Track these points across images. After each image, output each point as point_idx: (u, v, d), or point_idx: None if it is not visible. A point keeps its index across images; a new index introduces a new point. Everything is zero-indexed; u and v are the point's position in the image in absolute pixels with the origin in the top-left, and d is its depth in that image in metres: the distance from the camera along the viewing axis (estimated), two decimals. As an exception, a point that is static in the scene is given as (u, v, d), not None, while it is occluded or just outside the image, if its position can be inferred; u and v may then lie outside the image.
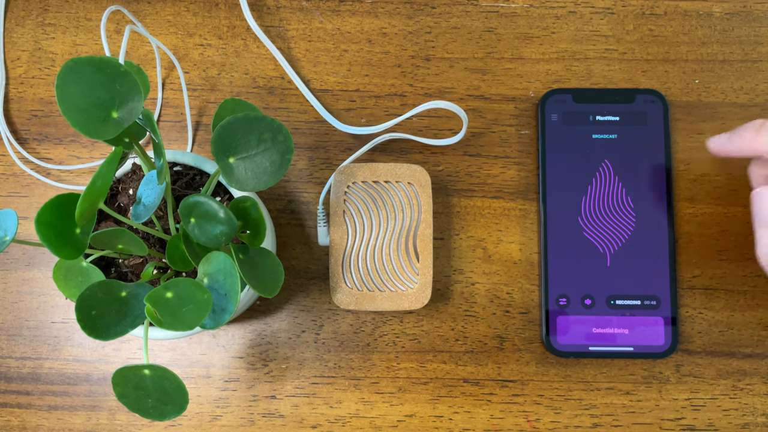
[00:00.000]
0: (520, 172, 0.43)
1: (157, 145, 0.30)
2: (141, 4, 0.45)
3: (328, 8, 0.45)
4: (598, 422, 0.41)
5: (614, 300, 0.41)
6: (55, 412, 0.41)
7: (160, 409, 0.28)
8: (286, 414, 0.41)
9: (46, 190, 0.44)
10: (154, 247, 0.34)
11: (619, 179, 0.42)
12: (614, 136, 0.42)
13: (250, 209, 0.31)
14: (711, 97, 0.43)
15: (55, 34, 0.45)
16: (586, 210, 0.41)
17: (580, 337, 0.40)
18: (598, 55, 0.44)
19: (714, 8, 0.44)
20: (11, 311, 0.42)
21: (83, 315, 0.28)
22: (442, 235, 0.42)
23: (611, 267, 0.41)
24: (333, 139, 0.43)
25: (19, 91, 0.44)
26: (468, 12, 0.44)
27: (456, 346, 0.42)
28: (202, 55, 0.44)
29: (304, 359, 0.42)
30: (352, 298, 0.39)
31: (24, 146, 0.44)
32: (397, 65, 0.44)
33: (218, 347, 0.42)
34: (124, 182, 0.35)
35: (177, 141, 0.44)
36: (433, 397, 0.41)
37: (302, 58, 0.44)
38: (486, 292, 0.42)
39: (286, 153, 0.30)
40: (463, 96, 0.44)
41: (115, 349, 0.42)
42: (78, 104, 0.27)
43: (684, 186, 0.42)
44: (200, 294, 0.28)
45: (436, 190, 0.43)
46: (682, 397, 0.41)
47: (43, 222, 0.27)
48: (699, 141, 0.43)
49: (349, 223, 0.40)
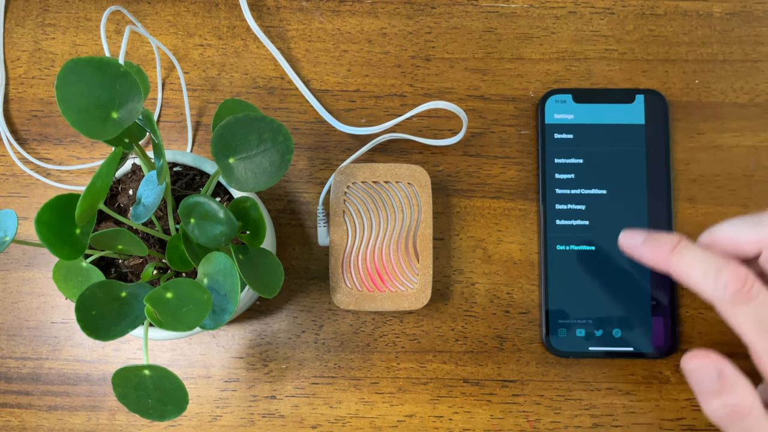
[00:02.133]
0: (520, 172, 0.43)
1: (157, 146, 0.30)
2: (141, 5, 0.45)
3: (328, 8, 0.45)
4: (598, 422, 0.41)
5: (614, 300, 0.41)
6: (55, 412, 0.41)
7: (160, 409, 0.28)
8: (286, 414, 0.41)
9: (46, 191, 0.44)
10: (154, 247, 0.34)
11: (619, 179, 0.42)
12: (614, 136, 0.42)
13: (250, 209, 0.31)
14: (711, 97, 0.43)
15: (55, 35, 0.45)
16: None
17: (580, 337, 0.40)
18: (598, 55, 0.44)
19: (714, 8, 0.44)
20: (11, 311, 0.42)
21: (83, 315, 0.28)
22: (442, 235, 0.42)
23: (611, 267, 0.41)
24: (333, 139, 0.43)
25: (19, 92, 0.44)
26: (468, 12, 0.44)
27: (456, 346, 0.42)
28: (202, 55, 0.44)
29: (304, 359, 0.42)
30: (352, 298, 0.39)
31: (24, 146, 0.44)
32: (397, 65, 0.44)
33: (218, 347, 0.42)
34: (124, 182, 0.35)
35: (177, 141, 0.44)
36: (433, 397, 0.41)
37: (302, 59, 0.44)
38: (486, 292, 0.42)
39: (286, 153, 0.30)
40: (463, 96, 0.44)
41: (115, 350, 0.42)
42: (78, 104, 0.27)
43: (684, 186, 0.42)
44: (200, 294, 0.28)
45: (436, 190, 0.43)
46: (682, 397, 0.41)
47: (43, 222, 0.27)
48: (699, 141, 0.43)
49: (349, 224, 0.40)
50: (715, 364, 0.34)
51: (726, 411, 0.33)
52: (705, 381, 0.34)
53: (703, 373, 0.34)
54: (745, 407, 0.33)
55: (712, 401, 0.34)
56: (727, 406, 0.33)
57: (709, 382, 0.34)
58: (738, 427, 0.33)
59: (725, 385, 0.33)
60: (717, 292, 0.33)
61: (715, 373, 0.33)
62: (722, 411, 0.33)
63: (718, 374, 0.33)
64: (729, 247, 0.35)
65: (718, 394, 0.33)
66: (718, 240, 0.35)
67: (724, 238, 0.35)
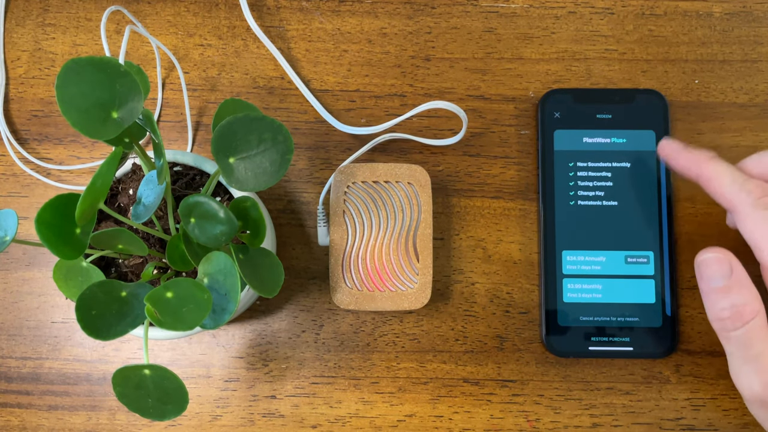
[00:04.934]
0: (520, 172, 0.43)
1: (157, 145, 0.30)
2: (141, 4, 0.45)
3: (328, 8, 0.45)
4: (598, 422, 0.41)
5: (614, 300, 0.41)
6: (55, 412, 0.41)
7: (160, 409, 0.29)
8: (286, 414, 0.41)
9: (46, 190, 0.44)
10: (154, 247, 0.34)
11: (618, 179, 0.42)
12: (614, 136, 0.42)
13: (250, 209, 0.31)
14: (711, 97, 0.43)
15: (55, 34, 0.45)
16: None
17: (580, 337, 0.40)
18: (598, 55, 0.44)
19: (714, 8, 0.44)
20: (11, 311, 0.42)
21: (83, 315, 0.28)
22: (442, 235, 0.42)
23: (611, 267, 0.41)
24: (333, 139, 0.43)
25: (19, 91, 0.44)
26: (468, 12, 0.44)
27: (456, 346, 0.42)
28: (202, 55, 0.44)
29: (304, 359, 0.42)
30: (352, 298, 0.39)
31: (24, 146, 0.44)
32: (397, 65, 0.44)
33: (218, 347, 0.42)
34: (124, 182, 0.35)
35: (177, 141, 0.44)
36: (433, 397, 0.41)
37: (302, 59, 0.44)
38: (486, 292, 0.42)
39: (286, 153, 0.30)
40: (463, 96, 0.44)
41: (115, 349, 0.42)
42: (78, 104, 0.27)
43: (684, 186, 0.42)
44: (200, 294, 0.28)
45: (436, 190, 0.43)
46: (682, 397, 0.41)
47: (43, 222, 0.27)
48: (699, 141, 0.43)
49: (349, 223, 0.40)
50: (728, 259, 0.34)
51: (732, 311, 0.33)
52: (716, 276, 0.34)
53: (716, 266, 0.34)
54: (752, 309, 0.33)
55: (720, 300, 0.33)
56: (734, 305, 0.33)
57: (720, 278, 0.33)
58: (739, 332, 0.33)
59: (735, 282, 0.33)
60: (742, 195, 0.34)
61: (728, 267, 0.33)
62: (729, 311, 0.33)
63: (730, 269, 0.33)
64: (759, 172, 0.36)
65: (727, 291, 0.33)
66: (748, 167, 0.36)
67: (754, 165, 0.36)
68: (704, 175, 0.36)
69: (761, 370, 0.33)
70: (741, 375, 0.34)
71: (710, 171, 0.35)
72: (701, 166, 0.36)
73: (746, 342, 0.33)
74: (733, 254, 0.34)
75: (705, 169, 0.36)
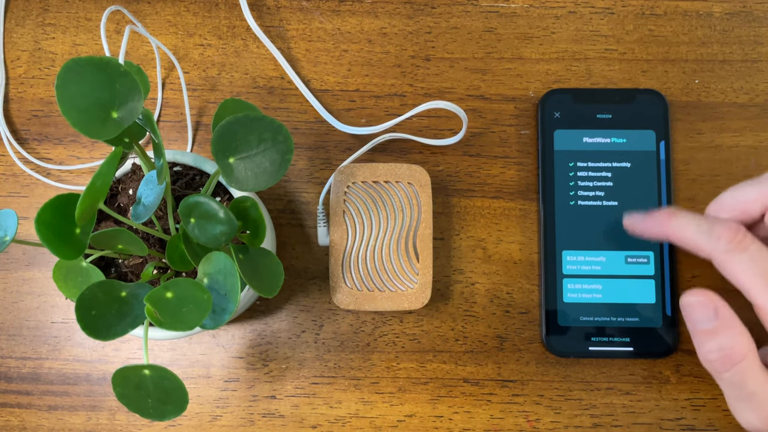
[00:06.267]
0: (520, 172, 0.43)
1: (157, 145, 0.30)
2: (141, 4, 0.45)
3: (328, 8, 0.45)
4: (598, 422, 0.41)
5: (614, 300, 0.41)
6: (55, 412, 0.41)
7: (160, 409, 0.28)
8: (286, 414, 0.41)
9: (46, 190, 0.44)
10: (154, 247, 0.34)
11: (619, 179, 0.42)
12: (614, 136, 0.42)
13: (250, 209, 0.31)
14: (711, 97, 0.43)
15: (55, 34, 0.45)
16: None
17: (580, 338, 0.40)
18: (598, 55, 0.44)
19: (714, 8, 0.44)
20: (11, 311, 0.42)
21: (83, 315, 0.28)
22: (442, 235, 0.42)
23: (611, 267, 0.41)
24: (333, 139, 0.43)
25: (19, 91, 0.44)
26: (468, 12, 0.44)
27: (456, 346, 0.42)
28: (202, 55, 0.44)
29: (304, 359, 0.42)
30: (352, 298, 0.39)
31: (24, 146, 0.44)
32: (397, 65, 0.44)
33: (218, 347, 0.42)
34: (124, 182, 0.35)
35: (177, 141, 0.44)
36: (433, 397, 0.41)
37: (302, 58, 0.44)
38: (486, 292, 0.42)
39: (286, 153, 0.30)
40: (463, 96, 0.44)
41: (115, 349, 0.42)
42: (78, 104, 0.27)
43: (684, 186, 0.42)
44: (200, 294, 0.28)
45: (436, 190, 0.43)
46: (682, 397, 0.41)
47: (43, 222, 0.27)
48: (699, 141, 0.43)
49: (349, 223, 0.40)
50: (712, 302, 0.33)
51: (720, 354, 0.33)
52: (701, 319, 0.33)
53: (700, 310, 0.34)
54: (740, 352, 0.32)
55: (706, 342, 0.33)
56: (721, 348, 0.33)
57: (705, 321, 0.33)
58: (730, 374, 0.33)
59: (721, 325, 0.33)
60: (712, 243, 0.34)
61: (713, 311, 0.33)
62: (716, 354, 0.33)
63: (715, 312, 0.33)
64: (735, 209, 0.35)
65: (714, 334, 0.33)
66: (724, 205, 0.36)
67: (729, 201, 0.36)
68: (671, 234, 0.36)
69: (757, 408, 0.33)
70: (738, 411, 0.34)
71: (673, 228, 0.35)
72: (664, 226, 0.36)
73: (738, 383, 0.33)
74: (716, 295, 0.34)
75: (668, 228, 0.36)
